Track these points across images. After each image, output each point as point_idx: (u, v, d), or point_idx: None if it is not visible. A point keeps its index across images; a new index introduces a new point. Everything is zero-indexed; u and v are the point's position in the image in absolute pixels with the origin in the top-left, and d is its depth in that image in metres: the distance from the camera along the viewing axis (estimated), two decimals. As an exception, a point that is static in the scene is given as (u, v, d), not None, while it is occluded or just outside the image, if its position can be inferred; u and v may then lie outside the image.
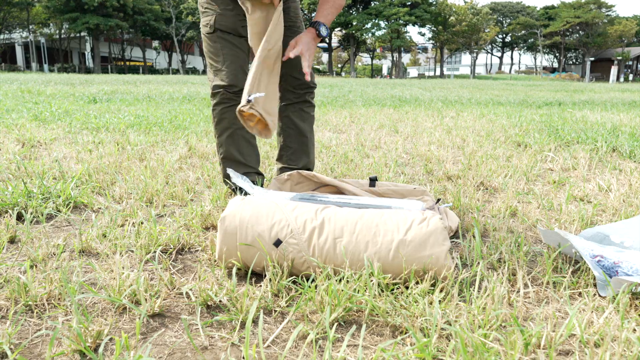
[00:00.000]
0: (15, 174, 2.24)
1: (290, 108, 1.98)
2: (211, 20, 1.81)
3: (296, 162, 2.03)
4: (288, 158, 2.03)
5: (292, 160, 2.03)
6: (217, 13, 1.80)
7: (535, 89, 17.47)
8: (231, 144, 1.88)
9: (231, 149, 1.89)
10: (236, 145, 1.89)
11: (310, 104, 2.01)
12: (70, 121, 4.33)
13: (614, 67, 41.79)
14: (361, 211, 1.25)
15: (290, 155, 2.03)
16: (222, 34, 1.81)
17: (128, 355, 0.89)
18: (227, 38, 1.81)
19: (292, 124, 1.99)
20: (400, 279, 1.16)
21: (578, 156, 3.05)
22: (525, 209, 1.91)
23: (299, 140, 2.01)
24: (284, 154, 2.05)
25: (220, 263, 1.24)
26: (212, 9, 1.81)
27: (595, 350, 0.91)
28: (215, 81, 1.83)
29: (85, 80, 16.68)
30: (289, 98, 1.97)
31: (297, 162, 2.03)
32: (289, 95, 1.97)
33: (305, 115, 2.00)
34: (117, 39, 57.35)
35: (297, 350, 0.93)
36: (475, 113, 6.21)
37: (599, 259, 1.27)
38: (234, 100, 1.83)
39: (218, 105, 1.85)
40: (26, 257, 1.33)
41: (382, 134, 4.07)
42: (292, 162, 2.03)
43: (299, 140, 2.01)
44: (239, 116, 1.61)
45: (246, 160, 1.91)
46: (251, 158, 1.93)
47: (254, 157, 1.94)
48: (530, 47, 69.27)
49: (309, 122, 2.03)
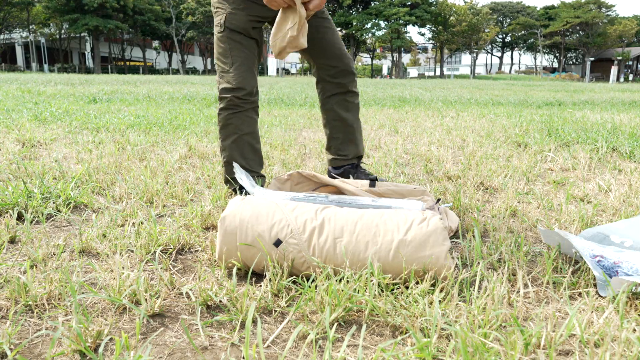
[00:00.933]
0: (15, 174, 2.24)
1: (333, 99, 1.98)
2: (222, 19, 1.79)
3: (345, 151, 2.05)
4: (337, 148, 2.06)
5: (341, 150, 2.05)
6: (228, 11, 1.78)
7: (535, 89, 17.47)
8: (235, 149, 1.87)
9: (235, 154, 1.87)
10: (240, 151, 1.87)
11: (354, 93, 2.00)
12: (70, 121, 4.33)
13: (614, 67, 41.79)
14: (361, 211, 1.25)
15: (338, 145, 2.05)
16: (232, 33, 1.78)
17: (128, 355, 0.89)
18: (237, 39, 1.79)
19: (337, 116, 2.00)
20: (400, 279, 1.16)
21: (578, 156, 3.05)
22: (525, 209, 1.91)
23: (345, 130, 2.02)
24: (332, 144, 2.07)
25: (220, 263, 1.24)
26: (223, 8, 1.79)
27: (595, 350, 0.91)
28: (222, 84, 1.81)
29: (85, 80, 16.68)
30: (329, 89, 1.97)
31: (345, 151, 2.05)
32: (329, 86, 1.96)
33: (349, 105, 2.00)
34: (117, 39, 57.36)
35: (297, 350, 0.93)
36: (475, 113, 6.21)
37: (599, 259, 1.27)
38: (241, 107, 1.81)
39: (224, 111, 1.83)
40: (26, 257, 1.33)
41: (382, 134, 4.07)
42: (341, 151, 2.05)
43: (345, 130, 2.02)
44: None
45: (249, 165, 1.90)
46: (254, 162, 1.92)
47: (256, 161, 1.93)
48: (530, 47, 69.27)
49: (354, 111, 2.02)
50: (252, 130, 1.87)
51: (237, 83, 1.78)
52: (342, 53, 1.93)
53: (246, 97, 1.80)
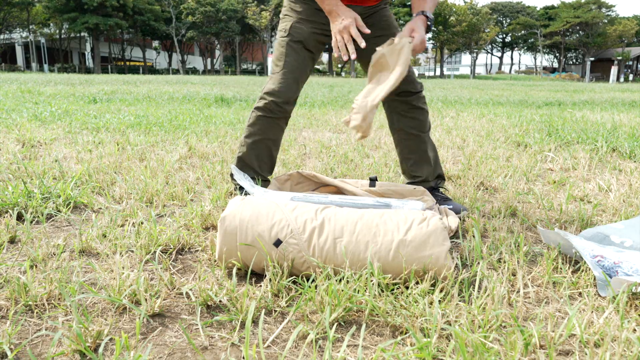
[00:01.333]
0: (15, 174, 2.24)
1: (402, 120, 1.88)
2: (287, 26, 1.81)
3: (419, 172, 1.91)
4: (410, 169, 1.93)
5: (414, 171, 1.92)
6: (295, 20, 1.80)
7: (535, 89, 17.47)
8: (253, 149, 1.88)
9: (251, 154, 1.88)
10: (257, 153, 1.89)
11: (422, 110, 1.88)
12: (70, 121, 4.33)
13: (614, 67, 41.79)
14: (361, 211, 1.25)
15: (410, 166, 1.93)
16: (292, 41, 1.80)
17: (128, 355, 0.89)
18: (295, 47, 1.81)
19: (406, 135, 1.89)
20: (400, 279, 1.16)
21: (578, 156, 3.05)
22: (525, 209, 1.91)
23: (418, 149, 1.90)
24: (405, 167, 1.95)
25: (220, 263, 1.24)
26: (291, 16, 1.81)
27: (595, 350, 0.91)
28: (268, 85, 1.83)
29: (85, 80, 16.68)
30: (396, 108, 1.87)
31: (419, 172, 1.91)
32: (396, 105, 1.87)
33: (419, 124, 1.88)
34: (117, 39, 57.37)
35: (297, 350, 0.93)
36: (475, 113, 6.21)
37: (599, 259, 1.27)
38: (275, 114, 1.82)
39: (258, 110, 1.85)
40: (26, 257, 1.33)
41: (382, 134, 4.07)
42: (415, 172, 1.92)
43: (417, 150, 1.90)
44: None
45: (260, 169, 1.91)
46: (265, 167, 1.92)
47: (268, 167, 1.93)
48: (530, 47, 69.28)
49: (424, 129, 1.89)
50: (276, 137, 1.88)
51: (280, 87, 1.80)
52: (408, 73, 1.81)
53: (282, 105, 1.81)
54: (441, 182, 1.94)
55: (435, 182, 1.92)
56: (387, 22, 1.84)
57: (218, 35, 56.05)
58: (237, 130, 3.99)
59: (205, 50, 62.55)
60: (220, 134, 3.76)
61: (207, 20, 54.31)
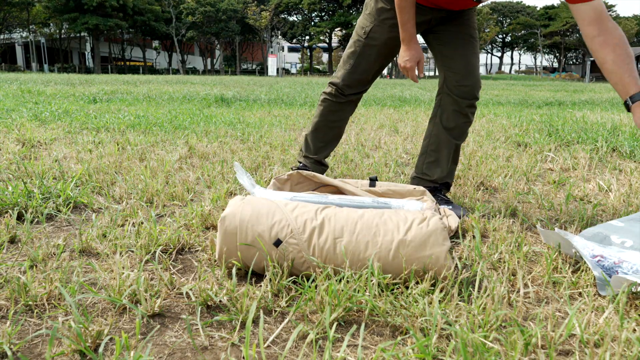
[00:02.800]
0: (15, 174, 2.24)
1: (445, 118, 1.82)
2: (368, 27, 1.84)
3: (430, 172, 1.88)
4: (424, 166, 1.90)
5: (427, 168, 1.89)
6: (376, 23, 1.81)
7: (535, 89, 17.46)
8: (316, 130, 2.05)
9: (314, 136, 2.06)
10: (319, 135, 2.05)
11: (467, 118, 1.82)
12: (70, 121, 4.33)
13: (614, 67, 41.64)
14: (361, 211, 1.25)
15: (426, 163, 1.89)
16: (369, 44, 1.84)
17: (128, 355, 0.89)
18: (369, 51, 1.85)
19: (441, 134, 1.84)
20: (400, 279, 1.16)
21: (578, 156, 3.05)
22: (525, 209, 1.91)
23: (443, 153, 1.85)
24: (421, 161, 1.92)
25: (220, 263, 1.24)
26: (375, 17, 1.82)
27: (595, 350, 0.91)
28: (336, 74, 1.95)
29: (85, 80, 16.68)
30: (447, 105, 1.81)
31: (430, 172, 1.88)
32: (447, 100, 1.80)
33: (458, 131, 1.83)
34: (117, 39, 57.36)
35: (297, 350, 0.93)
36: (475, 113, 6.21)
37: (599, 259, 1.27)
38: (340, 98, 1.95)
39: (326, 95, 1.99)
40: (26, 257, 1.33)
41: (382, 134, 4.06)
42: (427, 170, 1.89)
43: (442, 153, 1.85)
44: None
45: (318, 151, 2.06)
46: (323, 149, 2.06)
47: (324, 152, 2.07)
48: (530, 47, 69.26)
49: (460, 138, 1.85)
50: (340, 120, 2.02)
51: (344, 81, 1.91)
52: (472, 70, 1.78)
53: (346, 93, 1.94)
54: (445, 189, 1.92)
55: (440, 186, 1.89)
56: (467, 20, 1.82)
57: (218, 35, 56.05)
58: (237, 130, 3.99)
59: (205, 50, 62.54)
60: (220, 134, 3.76)
61: (207, 20, 54.30)
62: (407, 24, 1.66)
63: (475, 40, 1.82)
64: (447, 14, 1.79)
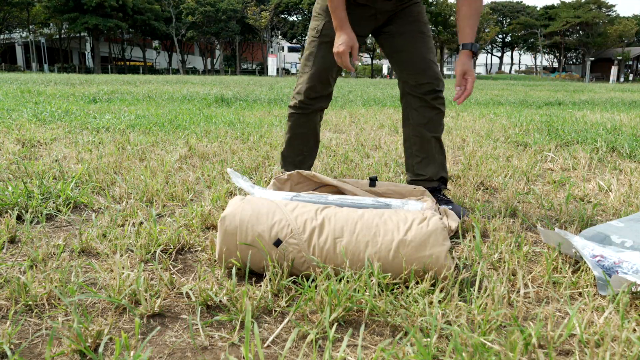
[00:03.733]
0: (15, 174, 2.24)
1: (416, 117, 1.84)
2: (319, 26, 1.83)
3: (423, 171, 1.89)
4: (415, 167, 1.91)
5: (419, 169, 1.90)
6: (327, 20, 1.81)
7: (535, 89, 17.46)
8: (291, 145, 2.01)
9: (289, 150, 2.02)
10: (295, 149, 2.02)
11: (438, 110, 1.84)
12: (70, 121, 4.33)
13: (614, 67, 41.78)
14: (361, 211, 1.25)
15: (416, 164, 1.91)
16: (323, 42, 1.83)
17: (128, 355, 0.89)
18: (324, 48, 1.83)
19: (418, 133, 1.86)
20: (400, 279, 1.16)
21: (578, 156, 3.05)
22: (525, 209, 1.91)
23: (427, 149, 1.87)
24: (410, 163, 1.93)
25: (220, 263, 1.24)
26: (323, 15, 1.83)
27: (595, 350, 0.91)
28: (297, 84, 1.91)
29: (85, 80, 16.68)
30: (412, 104, 1.84)
31: (423, 171, 1.89)
32: (413, 101, 1.84)
33: (433, 125, 1.85)
34: (117, 39, 57.35)
35: (297, 350, 0.93)
36: (475, 113, 6.21)
37: (599, 259, 1.27)
38: (306, 109, 1.91)
39: (291, 109, 1.95)
40: (26, 257, 1.33)
41: (382, 134, 4.06)
42: (419, 171, 1.90)
43: (426, 150, 1.87)
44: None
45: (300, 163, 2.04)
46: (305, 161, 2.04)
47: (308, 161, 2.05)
48: (530, 47, 69.26)
49: (436, 131, 1.86)
50: (312, 131, 1.99)
51: (309, 82, 1.86)
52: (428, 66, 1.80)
53: (312, 102, 1.89)
54: (443, 185, 1.92)
55: (438, 183, 1.89)
56: (416, 18, 1.83)
57: (218, 35, 56.04)
58: (237, 130, 3.99)
59: (205, 50, 62.53)
60: (220, 134, 3.76)
61: (207, 20, 54.29)
62: (337, 10, 1.68)
63: (426, 36, 1.83)
64: (392, 9, 1.81)
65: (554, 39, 63.03)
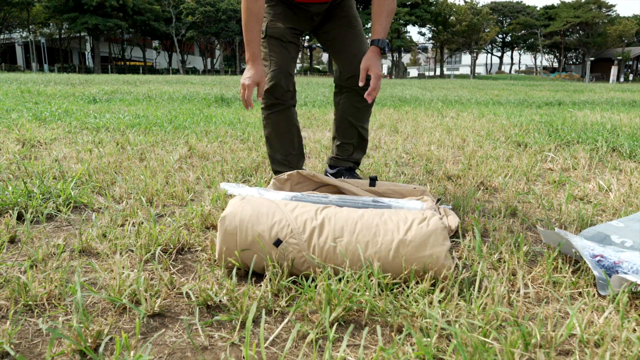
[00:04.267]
0: (15, 174, 2.24)
1: (345, 104, 2.03)
2: (263, 27, 1.91)
3: (342, 153, 2.12)
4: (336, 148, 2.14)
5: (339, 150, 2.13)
6: (269, 19, 1.91)
7: (535, 89, 17.47)
8: (273, 145, 2.04)
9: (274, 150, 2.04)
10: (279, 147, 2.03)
11: (368, 105, 2.03)
12: (70, 121, 4.33)
13: (614, 67, 41.77)
14: (361, 211, 1.25)
15: (337, 146, 2.13)
16: (271, 39, 1.91)
17: (128, 355, 0.89)
18: (275, 44, 1.90)
19: (344, 119, 2.06)
20: (400, 279, 1.16)
21: (578, 156, 3.05)
22: (525, 209, 1.91)
23: (351, 135, 2.08)
24: (333, 145, 2.15)
25: (220, 263, 1.24)
26: (265, 17, 1.91)
27: (595, 350, 0.91)
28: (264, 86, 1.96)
29: (85, 80, 16.68)
30: (344, 94, 2.02)
31: (342, 153, 2.12)
32: (345, 91, 2.02)
33: (359, 115, 2.04)
34: (117, 39, 57.34)
35: (297, 350, 0.93)
36: (475, 113, 6.21)
37: (599, 259, 1.27)
38: (278, 106, 1.94)
39: (265, 109, 1.97)
40: (26, 257, 1.33)
41: (382, 134, 4.06)
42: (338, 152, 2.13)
43: (349, 136, 2.08)
44: None
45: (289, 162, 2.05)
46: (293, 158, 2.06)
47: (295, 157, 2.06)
48: (530, 47, 69.25)
49: (362, 121, 2.06)
50: (291, 127, 2.01)
51: (271, 79, 1.90)
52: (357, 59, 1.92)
53: (281, 98, 1.92)
54: (356, 165, 2.16)
55: (353, 164, 2.14)
56: (346, 13, 1.97)
57: (218, 35, 56.03)
58: (237, 130, 3.99)
59: (205, 50, 62.53)
60: (220, 133, 3.76)
61: (207, 20, 54.29)
62: (251, 44, 1.74)
63: (355, 30, 1.97)
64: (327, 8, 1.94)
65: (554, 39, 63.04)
